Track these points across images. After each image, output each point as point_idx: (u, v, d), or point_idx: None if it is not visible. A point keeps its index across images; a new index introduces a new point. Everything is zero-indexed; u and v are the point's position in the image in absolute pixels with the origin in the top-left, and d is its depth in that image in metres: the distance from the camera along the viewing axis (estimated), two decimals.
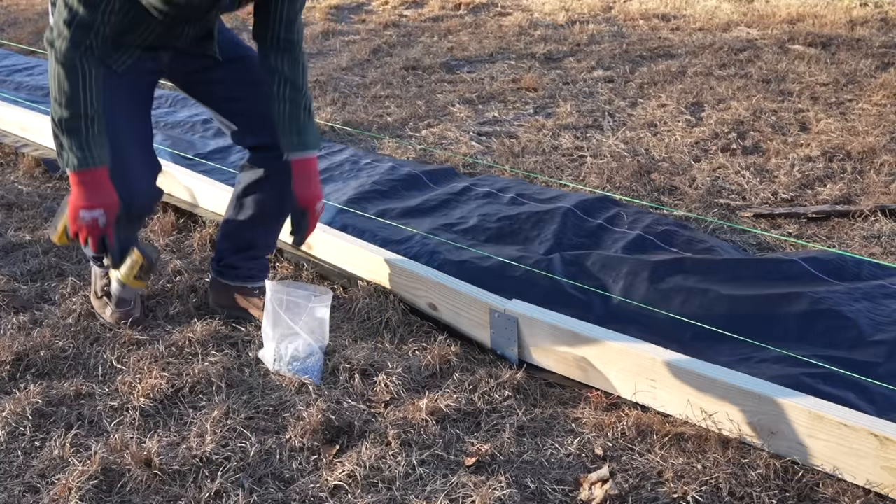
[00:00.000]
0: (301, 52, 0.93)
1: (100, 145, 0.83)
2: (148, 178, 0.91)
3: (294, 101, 0.91)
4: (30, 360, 0.99)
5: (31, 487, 0.80)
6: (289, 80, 0.91)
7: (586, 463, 0.81)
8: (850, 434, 0.75)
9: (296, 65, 0.92)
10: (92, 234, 0.85)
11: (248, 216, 1.03)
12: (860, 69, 2.14)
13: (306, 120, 0.92)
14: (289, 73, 0.91)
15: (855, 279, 1.13)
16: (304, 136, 0.92)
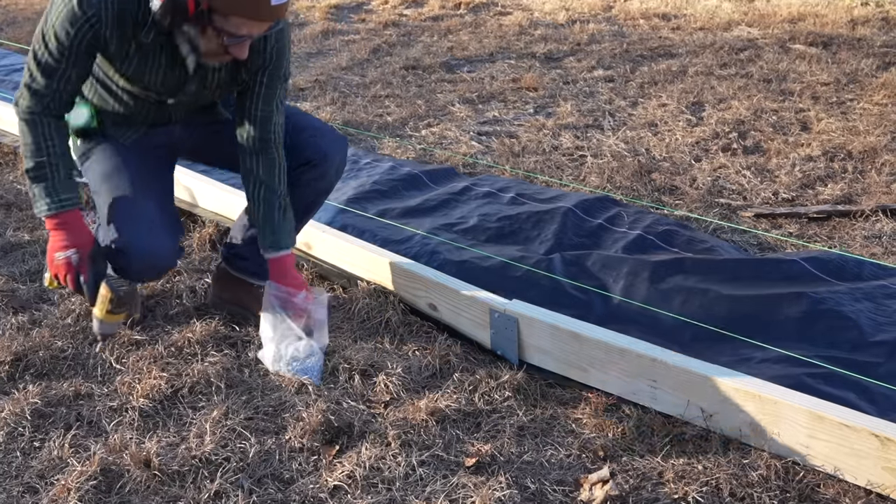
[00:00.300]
0: (277, 149, 0.94)
1: (67, 189, 0.87)
2: (162, 237, 0.90)
3: (268, 201, 0.93)
4: (29, 360, 0.99)
5: (30, 488, 0.80)
6: (263, 182, 0.94)
7: (586, 463, 0.81)
8: (851, 434, 0.75)
9: (271, 165, 0.94)
10: (68, 274, 0.88)
11: None
12: (861, 69, 2.14)
13: (280, 220, 0.94)
14: (263, 176, 0.93)
15: (856, 279, 1.13)
16: (278, 236, 0.95)
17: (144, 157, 0.95)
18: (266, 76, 0.91)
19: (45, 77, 0.85)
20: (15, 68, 2.46)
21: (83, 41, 0.82)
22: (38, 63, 0.84)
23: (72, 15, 0.81)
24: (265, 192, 0.94)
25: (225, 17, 0.79)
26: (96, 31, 0.82)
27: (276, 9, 0.79)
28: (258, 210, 0.94)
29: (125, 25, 0.82)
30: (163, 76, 0.88)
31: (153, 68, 0.87)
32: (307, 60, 2.53)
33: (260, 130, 0.93)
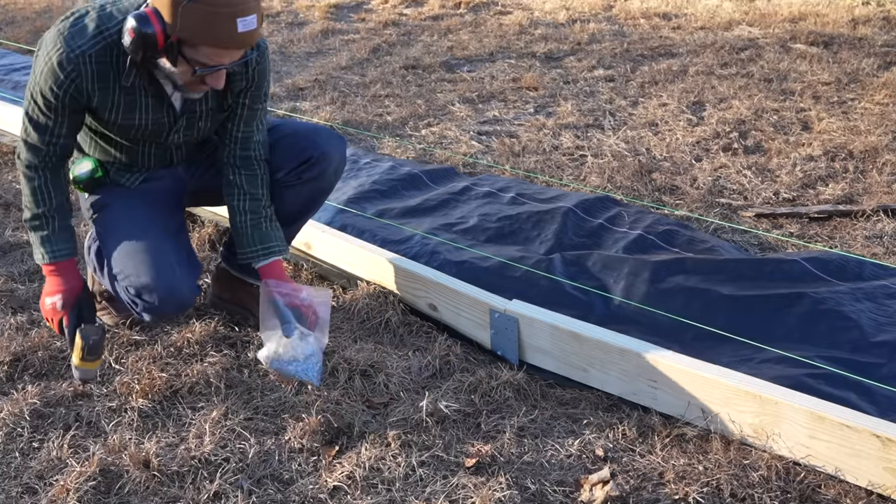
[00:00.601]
0: (260, 164, 0.95)
1: (63, 240, 0.91)
2: (182, 276, 0.90)
3: (254, 211, 0.94)
4: (27, 360, 0.99)
5: (29, 489, 0.79)
6: (247, 192, 0.94)
7: (587, 464, 0.81)
8: (852, 435, 0.75)
9: (254, 178, 0.95)
10: (53, 318, 0.91)
11: None
12: (862, 68, 2.13)
13: (269, 228, 0.94)
14: (247, 187, 0.94)
15: (857, 279, 1.13)
16: (268, 244, 0.94)
17: (153, 198, 0.95)
18: (248, 98, 0.92)
19: (37, 133, 0.87)
20: (14, 68, 2.46)
21: (66, 97, 0.83)
22: (30, 120, 0.87)
23: (53, 73, 0.82)
24: (249, 203, 0.94)
25: (194, 48, 0.79)
26: (77, 85, 0.83)
27: (243, 36, 0.78)
28: (243, 220, 0.94)
29: (105, 75, 0.83)
30: (152, 120, 0.88)
31: (141, 113, 0.87)
32: (306, 60, 2.53)
33: (241, 149, 0.94)
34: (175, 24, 0.77)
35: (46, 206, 0.89)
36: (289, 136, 0.97)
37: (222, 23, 0.76)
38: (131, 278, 0.89)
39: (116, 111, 0.87)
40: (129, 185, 0.95)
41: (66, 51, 0.81)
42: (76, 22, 0.83)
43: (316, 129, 1.01)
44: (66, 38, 0.82)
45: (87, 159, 0.94)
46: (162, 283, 0.88)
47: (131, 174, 0.95)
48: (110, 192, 0.95)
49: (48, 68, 0.82)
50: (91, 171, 0.93)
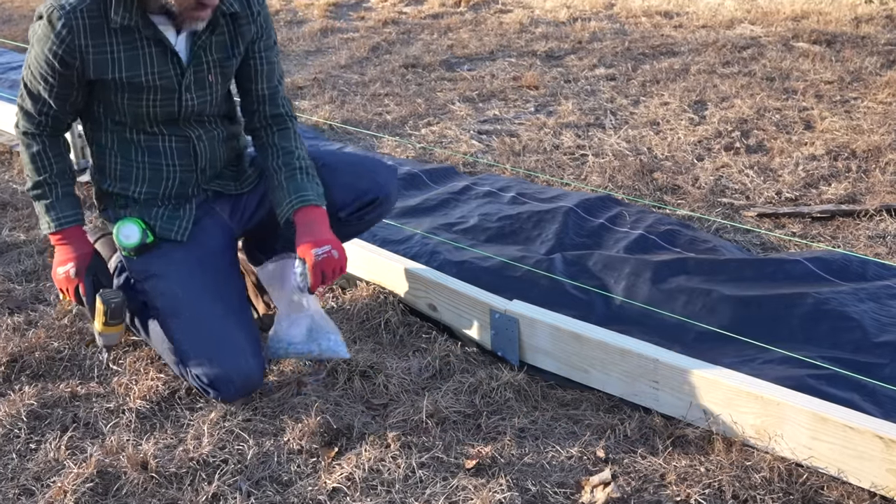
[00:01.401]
0: (290, 119, 0.93)
1: (68, 206, 0.88)
2: (253, 360, 0.86)
3: (288, 164, 0.88)
4: (24, 361, 0.98)
5: (26, 490, 0.79)
6: (280, 148, 0.90)
7: (588, 465, 0.80)
8: (856, 436, 0.74)
9: (286, 133, 0.92)
10: (68, 287, 0.88)
11: None
12: (865, 67, 2.12)
13: (304, 179, 0.88)
14: (280, 142, 0.91)
15: (860, 279, 1.12)
16: (303, 193, 0.87)
17: (208, 262, 0.88)
18: (262, 47, 0.88)
19: (31, 101, 0.85)
20: (11, 66, 2.45)
21: (57, 60, 0.80)
22: (25, 86, 0.86)
23: (45, 33, 0.80)
24: (283, 157, 0.88)
25: None
26: (69, 44, 0.80)
27: None
28: (278, 177, 0.87)
29: (99, 27, 0.80)
30: (157, 70, 0.83)
31: (145, 66, 0.82)
32: (305, 58, 2.52)
33: (271, 107, 0.91)
34: None
35: (47, 172, 0.87)
36: (346, 174, 0.92)
37: None
38: (204, 368, 0.84)
39: (118, 67, 0.81)
40: (179, 239, 0.88)
41: (56, 7, 0.79)
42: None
43: (373, 166, 0.96)
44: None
45: (131, 222, 0.87)
46: (237, 376, 0.84)
47: (178, 223, 0.88)
48: (161, 258, 0.87)
49: (41, 30, 0.80)
50: (140, 238, 0.86)
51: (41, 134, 0.87)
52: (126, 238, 0.88)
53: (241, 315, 0.89)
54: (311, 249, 0.84)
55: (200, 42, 0.84)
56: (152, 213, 0.90)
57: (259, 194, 0.96)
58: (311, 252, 0.84)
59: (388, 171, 0.98)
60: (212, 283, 0.88)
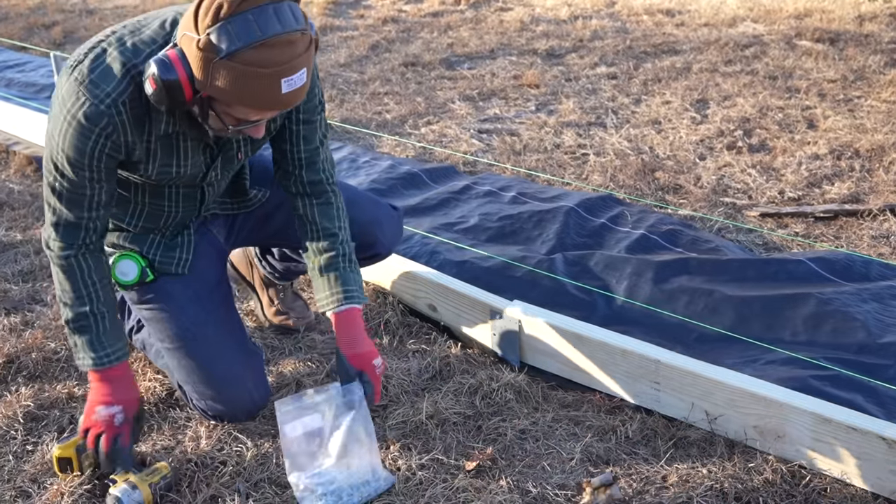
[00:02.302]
0: (333, 189, 0.82)
1: (115, 339, 0.76)
2: (257, 390, 0.83)
3: (330, 250, 0.80)
4: (21, 362, 0.98)
5: (23, 492, 0.78)
6: (321, 228, 0.81)
7: (589, 467, 0.80)
8: (859, 438, 0.74)
9: (327, 209, 0.81)
10: (106, 432, 0.74)
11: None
12: (869, 65, 2.11)
13: (346, 271, 0.80)
14: (321, 221, 0.81)
15: (863, 280, 1.11)
16: (349, 289, 0.79)
17: (206, 292, 0.82)
18: (302, 112, 0.77)
19: (71, 210, 0.71)
20: (7, 65, 2.43)
21: (103, 157, 0.69)
22: (59, 195, 0.71)
23: (81, 132, 0.67)
24: (326, 240, 0.80)
25: (229, 106, 0.65)
26: (115, 141, 0.68)
27: (289, 97, 0.63)
28: (318, 260, 0.80)
29: (141, 121, 0.69)
30: (190, 164, 0.75)
31: (179, 160, 0.74)
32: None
33: (308, 172, 0.80)
34: (206, 82, 0.62)
35: (94, 301, 0.73)
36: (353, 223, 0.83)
37: (263, 85, 0.61)
38: (207, 402, 0.82)
39: (153, 162, 0.72)
40: (179, 272, 0.81)
41: (93, 101, 0.65)
42: (95, 64, 0.66)
43: (381, 218, 0.88)
44: (87, 86, 0.65)
45: (130, 259, 0.79)
46: (242, 412, 0.83)
47: (178, 253, 0.81)
48: (158, 291, 0.81)
49: (73, 128, 0.66)
50: (138, 276, 0.79)
51: (86, 251, 0.73)
52: (123, 276, 0.81)
53: (240, 346, 0.84)
54: (371, 360, 0.78)
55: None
56: (148, 240, 0.82)
57: (255, 218, 0.89)
58: (372, 364, 0.78)
59: (394, 225, 0.92)
60: (211, 317, 0.82)
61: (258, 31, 0.60)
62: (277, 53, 0.61)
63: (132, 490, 0.73)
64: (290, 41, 0.62)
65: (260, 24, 0.61)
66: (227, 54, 0.61)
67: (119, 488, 0.73)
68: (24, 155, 1.66)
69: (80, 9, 3.25)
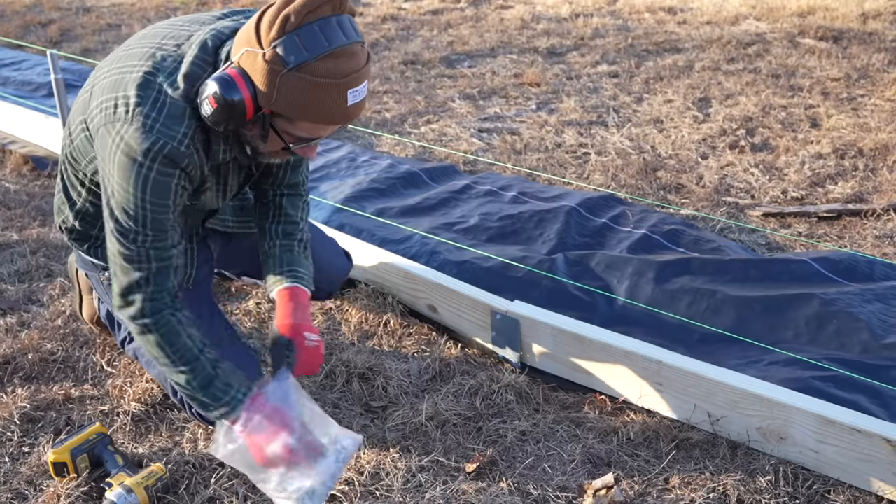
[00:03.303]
0: (305, 191, 0.82)
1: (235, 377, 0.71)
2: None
3: (289, 234, 0.79)
4: (17, 363, 0.97)
5: (19, 494, 0.78)
6: (285, 214, 0.79)
7: (590, 469, 0.79)
8: (862, 439, 0.73)
9: (297, 200, 0.81)
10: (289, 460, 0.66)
11: None
12: (873, 64, 2.10)
13: (301, 255, 0.79)
14: (288, 209, 0.80)
15: (867, 280, 1.11)
16: (297, 270, 0.77)
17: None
18: None
19: (157, 254, 0.66)
20: (3, 63, 2.41)
21: (183, 193, 0.66)
22: (140, 245, 0.66)
23: (164, 174, 0.63)
24: (286, 224, 0.78)
25: (291, 122, 0.63)
26: (192, 176, 0.66)
27: (353, 110, 0.62)
28: (273, 243, 0.77)
29: (207, 155, 0.66)
30: (227, 186, 0.73)
31: (220, 181, 0.72)
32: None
33: (293, 175, 0.80)
34: (271, 95, 0.60)
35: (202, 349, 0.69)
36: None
37: (331, 97, 0.60)
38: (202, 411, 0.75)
39: (207, 189, 0.71)
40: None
41: (171, 143, 0.62)
42: (158, 103, 0.63)
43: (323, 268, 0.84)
44: (160, 129, 0.62)
45: None
46: None
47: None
48: None
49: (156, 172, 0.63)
50: None
51: (175, 303, 0.68)
52: None
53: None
54: (303, 332, 0.72)
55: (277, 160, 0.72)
56: None
57: (252, 241, 0.85)
58: (303, 334, 0.72)
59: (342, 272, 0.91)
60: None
61: (325, 42, 0.59)
62: (344, 64, 0.60)
63: (127, 494, 0.72)
64: (354, 52, 0.60)
65: (327, 35, 0.59)
66: (295, 66, 0.59)
67: (114, 492, 0.73)
68: (21, 154, 1.65)
69: (77, 7, 3.23)
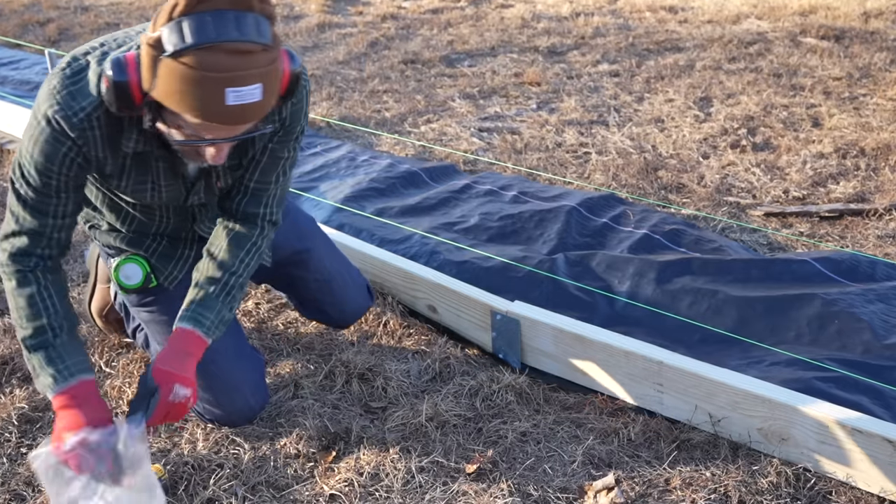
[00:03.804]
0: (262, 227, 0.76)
1: (75, 354, 0.69)
2: (256, 396, 0.83)
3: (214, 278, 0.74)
4: (15, 363, 0.97)
5: (17, 496, 0.78)
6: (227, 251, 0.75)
7: (591, 470, 0.79)
8: (864, 440, 0.73)
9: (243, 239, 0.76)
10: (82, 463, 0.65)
11: None
12: (874, 63, 2.09)
13: (215, 298, 0.73)
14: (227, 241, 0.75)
15: (869, 280, 1.10)
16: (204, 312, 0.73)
17: None
18: (275, 142, 0.73)
19: (35, 217, 0.67)
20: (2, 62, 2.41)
21: (72, 166, 0.65)
22: (23, 201, 0.67)
23: (51, 140, 0.64)
24: (219, 262, 0.74)
25: (174, 115, 0.60)
26: (85, 154, 0.65)
27: (235, 111, 0.57)
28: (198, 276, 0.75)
29: (116, 137, 0.66)
30: (164, 187, 0.72)
31: (152, 182, 0.71)
32: (302, 54, 2.50)
33: (250, 204, 0.75)
34: (150, 81, 0.58)
35: (51, 315, 0.68)
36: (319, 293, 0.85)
37: (206, 91, 0.56)
38: (204, 406, 0.81)
39: (127, 179, 0.70)
40: (164, 286, 0.79)
41: (67, 113, 0.63)
42: (76, 76, 0.64)
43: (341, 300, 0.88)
44: (65, 96, 0.63)
45: (135, 262, 0.78)
46: (239, 418, 0.82)
47: (173, 265, 0.79)
48: (158, 294, 0.79)
49: (45, 136, 0.64)
50: (142, 281, 0.77)
51: (44, 266, 0.69)
52: (127, 279, 0.78)
53: (239, 351, 0.83)
54: (175, 383, 0.69)
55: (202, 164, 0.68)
56: (144, 245, 0.80)
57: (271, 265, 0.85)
58: (174, 386, 0.69)
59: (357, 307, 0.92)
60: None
61: (212, 33, 0.56)
62: (226, 60, 0.56)
63: None
64: (246, 51, 0.57)
65: (217, 26, 0.56)
66: (172, 53, 0.56)
67: None
68: None
69: (75, 5, 3.22)
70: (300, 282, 0.90)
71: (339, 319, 0.94)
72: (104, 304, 0.97)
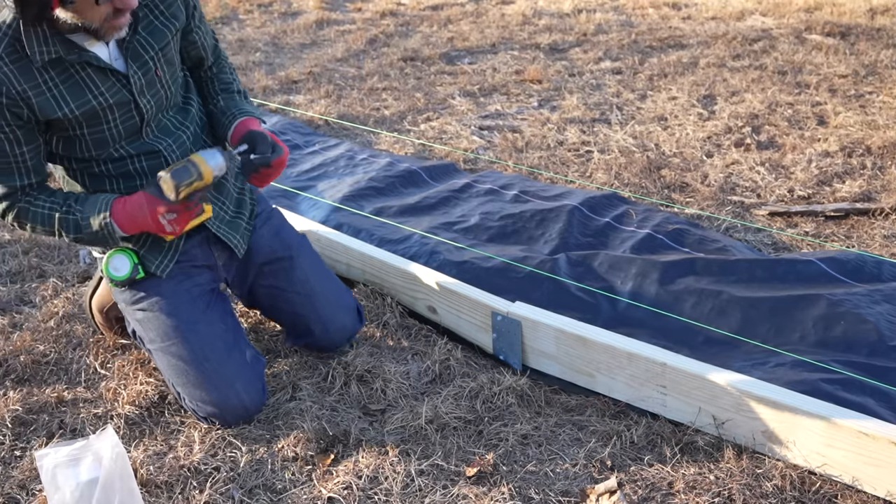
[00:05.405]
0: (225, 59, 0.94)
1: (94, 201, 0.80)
2: (250, 392, 0.84)
3: (227, 90, 0.91)
4: (9, 365, 0.97)
5: (11, 499, 0.77)
6: (219, 79, 0.92)
7: (593, 473, 0.78)
8: (870, 443, 0.72)
9: (225, 68, 0.94)
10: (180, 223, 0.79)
11: None
12: (881, 60, 2.07)
13: (242, 101, 0.91)
14: (219, 74, 0.92)
15: (875, 280, 1.09)
16: (244, 108, 0.89)
17: (192, 296, 0.84)
18: (196, 17, 0.85)
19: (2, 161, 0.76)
20: None
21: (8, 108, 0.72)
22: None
23: None
24: (221, 84, 0.91)
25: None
26: (7, 94, 0.72)
27: None
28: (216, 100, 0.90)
29: (27, 67, 0.72)
30: (104, 89, 0.76)
31: (88, 88, 0.75)
32: (300, 51, 2.49)
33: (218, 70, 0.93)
34: None
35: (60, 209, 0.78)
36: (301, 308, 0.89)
37: None
38: (198, 403, 0.83)
39: (64, 102, 0.74)
40: (157, 274, 0.83)
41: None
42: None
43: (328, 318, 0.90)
44: None
45: (123, 254, 0.82)
46: (231, 414, 0.83)
47: (159, 258, 0.83)
48: (150, 289, 0.83)
49: None
50: (129, 273, 0.82)
51: (30, 192, 0.78)
52: (115, 271, 0.83)
53: (233, 347, 0.84)
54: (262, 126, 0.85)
55: (130, 43, 0.77)
56: (133, 238, 0.83)
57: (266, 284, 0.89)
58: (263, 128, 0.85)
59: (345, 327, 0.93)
60: (203, 317, 0.83)
61: None
62: None
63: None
64: None
65: None
66: None
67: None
68: None
69: None
70: (281, 295, 0.91)
71: (324, 339, 0.93)
72: (107, 300, 0.98)
